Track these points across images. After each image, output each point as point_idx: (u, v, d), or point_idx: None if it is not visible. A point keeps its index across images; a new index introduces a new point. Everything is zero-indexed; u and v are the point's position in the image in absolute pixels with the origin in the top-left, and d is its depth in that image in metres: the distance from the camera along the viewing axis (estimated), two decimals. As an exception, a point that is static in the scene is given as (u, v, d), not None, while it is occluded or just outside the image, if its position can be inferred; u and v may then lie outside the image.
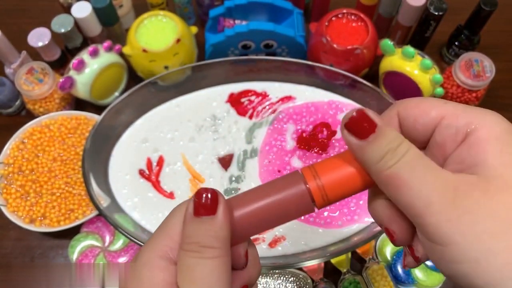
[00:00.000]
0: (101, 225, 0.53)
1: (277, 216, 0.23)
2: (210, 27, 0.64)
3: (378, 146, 0.20)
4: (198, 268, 0.20)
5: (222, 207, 0.21)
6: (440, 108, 0.21)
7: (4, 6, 0.75)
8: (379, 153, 0.20)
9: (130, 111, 0.55)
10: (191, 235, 0.21)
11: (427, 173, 0.19)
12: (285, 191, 0.22)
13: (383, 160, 0.20)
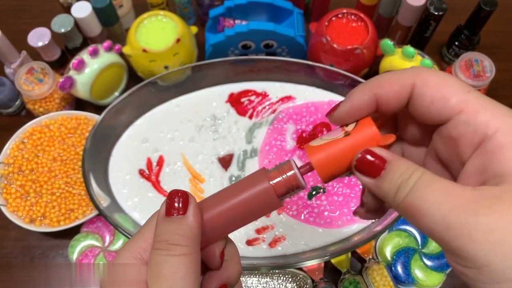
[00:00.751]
0: (101, 225, 0.53)
1: (246, 214, 0.23)
2: (210, 27, 0.64)
3: (391, 180, 0.20)
4: (166, 265, 0.21)
5: (192, 208, 0.22)
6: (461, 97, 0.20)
7: (4, 6, 0.75)
8: (394, 187, 0.20)
9: (130, 111, 0.55)
10: (161, 234, 0.22)
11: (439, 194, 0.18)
12: (251, 189, 0.23)
13: (398, 193, 0.20)
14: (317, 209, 0.50)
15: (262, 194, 0.23)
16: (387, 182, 0.20)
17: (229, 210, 0.23)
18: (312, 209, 0.50)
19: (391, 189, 0.20)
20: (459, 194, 0.18)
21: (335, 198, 0.51)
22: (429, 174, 0.19)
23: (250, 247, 0.49)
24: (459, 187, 0.19)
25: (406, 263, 0.51)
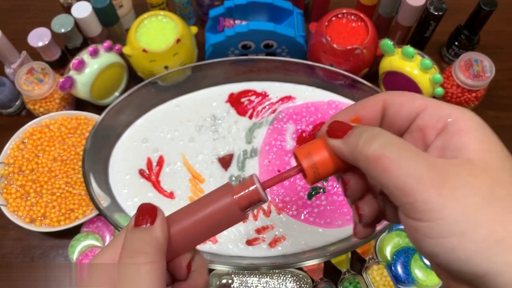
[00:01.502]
0: (101, 225, 0.53)
1: (212, 227, 0.25)
2: (210, 27, 0.64)
3: (357, 133, 0.23)
4: (131, 272, 0.22)
5: (159, 220, 0.24)
6: (424, 100, 0.24)
7: (4, 6, 0.75)
8: (358, 137, 0.22)
9: (130, 111, 0.55)
10: (128, 243, 0.23)
11: (413, 153, 0.21)
12: (215, 204, 0.25)
13: (363, 140, 0.22)
14: (317, 209, 0.50)
15: (226, 208, 0.25)
16: (353, 135, 0.23)
17: (195, 223, 0.25)
18: (312, 209, 0.50)
19: (354, 140, 0.22)
20: (429, 157, 0.21)
21: (335, 198, 0.51)
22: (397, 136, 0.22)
23: (250, 247, 0.49)
24: (427, 153, 0.22)
25: (406, 263, 0.51)
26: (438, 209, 0.20)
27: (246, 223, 0.50)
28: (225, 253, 0.49)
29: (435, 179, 0.20)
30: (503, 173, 0.21)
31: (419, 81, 0.56)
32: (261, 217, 0.50)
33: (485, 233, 0.19)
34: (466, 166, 0.21)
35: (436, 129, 0.23)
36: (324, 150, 0.24)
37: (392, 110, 0.25)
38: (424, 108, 0.24)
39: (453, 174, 0.20)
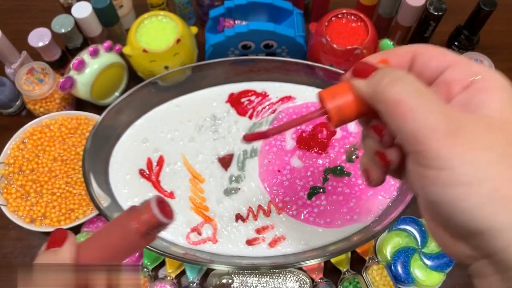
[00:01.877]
0: (101, 225, 0.53)
1: (117, 254, 0.27)
2: (210, 27, 0.64)
3: (382, 74, 0.22)
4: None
5: (68, 243, 0.26)
6: (455, 56, 0.24)
7: (5, 6, 0.75)
8: (381, 78, 0.22)
9: (131, 111, 0.55)
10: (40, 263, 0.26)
11: (433, 103, 0.21)
12: (117, 232, 0.27)
13: (385, 82, 0.22)
14: (317, 209, 0.50)
15: (127, 236, 0.26)
16: (377, 75, 0.23)
17: (102, 250, 0.26)
18: (312, 209, 0.50)
19: (378, 79, 0.22)
20: (448, 108, 0.21)
21: (335, 198, 0.51)
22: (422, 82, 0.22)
23: (250, 247, 0.49)
24: (448, 105, 0.22)
25: (405, 263, 0.51)
26: (449, 159, 0.20)
27: (246, 223, 0.50)
28: (225, 253, 0.49)
29: (451, 130, 0.20)
30: None
31: (419, 81, 0.56)
32: (261, 217, 0.51)
33: (491, 188, 0.19)
34: (484, 121, 0.21)
35: (462, 84, 0.23)
36: (350, 93, 0.24)
37: (421, 61, 0.25)
38: (453, 64, 0.24)
39: (470, 127, 0.20)
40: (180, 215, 0.51)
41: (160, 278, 0.51)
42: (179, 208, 0.51)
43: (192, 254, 0.48)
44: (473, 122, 0.21)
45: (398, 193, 0.51)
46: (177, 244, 0.49)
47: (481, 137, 0.20)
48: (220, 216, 0.51)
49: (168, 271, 0.51)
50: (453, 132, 0.20)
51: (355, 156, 0.53)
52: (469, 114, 0.21)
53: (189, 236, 0.50)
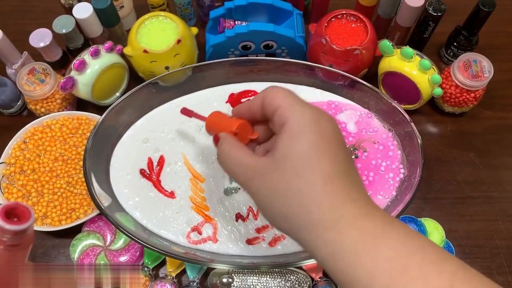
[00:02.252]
0: (102, 225, 0.53)
1: None
2: (210, 28, 0.64)
3: (220, 140, 0.36)
4: None
5: None
6: (280, 100, 0.32)
7: (6, 7, 0.76)
8: (219, 142, 0.36)
9: (131, 111, 0.56)
10: None
11: (237, 153, 0.33)
12: None
13: (218, 146, 0.36)
14: (316, 209, 0.50)
15: None
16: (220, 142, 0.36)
17: None
18: (311, 209, 0.50)
19: (218, 145, 0.36)
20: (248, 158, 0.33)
21: (334, 198, 0.51)
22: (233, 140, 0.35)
23: (250, 246, 0.49)
24: (247, 154, 0.33)
25: (405, 262, 0.52)
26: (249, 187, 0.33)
27: (246, 222, 0.51)
28: (225, 252, 0.49)
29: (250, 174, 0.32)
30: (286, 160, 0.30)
31: (418, 81, 0.56)
32: (261, 216, 0.51)
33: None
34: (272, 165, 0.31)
35: (279, 128, 0.32)
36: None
37: (265, 102, 0.33)
38: (277, 107, 0.32)
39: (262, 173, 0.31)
40: (180, 215, 0.51)
41: (160, 277, 0.51)
42: (179, 207, 0.51)
43: (193, 254, 0.48)
44: (265, 167, 0.31)
45: (397, 193, 0.51)
46: (177, 243, 0.49)
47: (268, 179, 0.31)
48: (220, 216, 0.51)
49: (168, 270, 0.51)
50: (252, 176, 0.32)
51: (355, 156, 0.54)
52: (264, 160, 0.31)
53: (189, 236, 0.50)
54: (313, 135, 0.30)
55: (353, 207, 0.29)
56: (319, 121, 0.31)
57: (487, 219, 0.56)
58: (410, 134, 0.52)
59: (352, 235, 0.28)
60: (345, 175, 0.30)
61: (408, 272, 0.26)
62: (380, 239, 0.27)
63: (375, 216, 0.29)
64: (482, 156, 0.60)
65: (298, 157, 0.30)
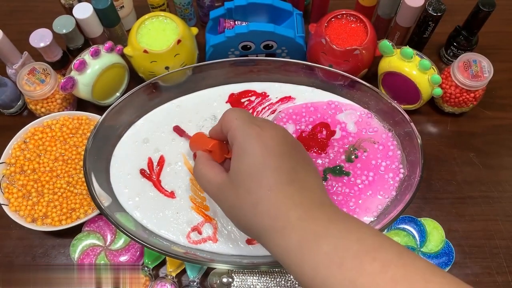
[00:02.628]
0: (102, 224, 0.53)
1: None
2: (210, 28, 0.64)
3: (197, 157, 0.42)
4: None
5: None
6: (231, 122, 0.37)
7: (6, 7, 0.76)
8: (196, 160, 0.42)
9: (131, 111, 0.56)
10: None
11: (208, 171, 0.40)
12: None
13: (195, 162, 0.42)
14: (316, 209, 0.50)
15: None
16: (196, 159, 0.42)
17: None
18: (311, 209, 0.51)
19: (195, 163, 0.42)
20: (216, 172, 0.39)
21: (334, 198, 0.51)
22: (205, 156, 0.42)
23: (250, 246, 0.49)
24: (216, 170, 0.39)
25: (405, 262, 0.52)
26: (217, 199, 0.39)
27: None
28: (225, 252, 0.49)
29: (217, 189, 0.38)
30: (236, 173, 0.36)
31: (418, 81, 0.56)
32: (261, 216, 0.51)
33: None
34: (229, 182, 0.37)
35: (231, 145, 0.37)
36: None
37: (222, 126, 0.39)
38: (229, 130, 0.37)
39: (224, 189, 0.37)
40: (180, 215, 0.51)
41: (160, 277, 0.51)
42: (179, 207, 0.51)
43: (193, 253, 0.48)
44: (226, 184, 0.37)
45: (397, 192, 0.51)
46: (177, 243, 0.49)
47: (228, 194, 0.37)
48: (220, 216, 0.51)
49: (168, 270, 0.51)
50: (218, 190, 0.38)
51: (355, 156, 0.54)
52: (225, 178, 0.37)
53: (189, 235, 0.50)
54: (256, 152, 0.34)
55: (296, 212, 0.32)
56: (261, 138, 0.35)
57: (487, 219, 0.56)
58: (410, 134, 0.52)
59: (297, 236, 0.31)
60: (290, 184, 0.34)
61: (344, 263, 0.29)
62: (321, 237, 0.31)
63: (319, 216, 0.32)
64: (482, 156, 0.60)
65: (245, 175, 0.34)
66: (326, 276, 0.29)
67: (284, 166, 0.34)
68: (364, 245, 0.30)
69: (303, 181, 0.35)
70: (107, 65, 0.58)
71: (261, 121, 0.37)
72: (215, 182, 0.38)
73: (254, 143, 0.35)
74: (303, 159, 0.37)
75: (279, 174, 0.34)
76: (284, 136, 0.37)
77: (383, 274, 0.28)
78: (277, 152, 0.35)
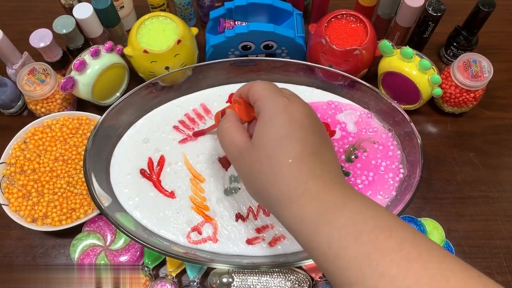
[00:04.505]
0: (102, 224, 0.53)
1: None
2: (210, 28, 0.64)
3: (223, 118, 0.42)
4: None
5: None
6: (259, 93, 0.38)
7: (6, 7, 0.76)
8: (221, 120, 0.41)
9: (131, 111, 0.56)
10: None
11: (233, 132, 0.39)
12: None
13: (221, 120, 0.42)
14: (316, 209, 0.51)
15: None
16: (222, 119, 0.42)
17: None
18: (311, 209, 0.51)
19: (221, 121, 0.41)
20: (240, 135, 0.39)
21: (334, 198, 0.51)
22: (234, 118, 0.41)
23: (250, 246, 0.49)
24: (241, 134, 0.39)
25: (405, 262, 0.52)
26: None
27: (246, 222, 0.51)
28: (225, 252, 0.49)
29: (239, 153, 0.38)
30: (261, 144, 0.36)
31: (417, 81, 0.56)
32: (261, 216, 0.51)
33: None
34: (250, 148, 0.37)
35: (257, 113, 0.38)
36: None
37: (249, 95, 0.39)
38: (256, 100, 0.38)
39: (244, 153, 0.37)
40: (180, 215, 0.51)
41: (160, 277, 0.51)
42: (179, 207, 0.51)
43: (193, 253, 0.48)
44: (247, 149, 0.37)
45: (396, 192, 0.51)
46: (177, 243, 0.49)
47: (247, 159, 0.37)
48: (220, 216, 0.51)
49: (168, 270, 0.51)
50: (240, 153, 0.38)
51: (354, 156, 0.54)
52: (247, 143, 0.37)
53: (189, 236, 0.50)
54: (281, 122, 0.35)
55: (316, 183, 0.33)
56: (288, 109, 0.36)
57: (487, 219, 0.56)
58: (410, 134, 0.52)
59: (314, 206, 0.32)
60: (311, 156, 0.34)
61: (360, 237, 0.29)
62: (338, 210, 0.31)
63: (337, 190, 0.33)
64: (481, 156, 0.60)
65: (269, 142, 0.35)
66: (341, 248, 0.29)
67: (308, 139, 0.35)
68: (381, 222, 0.30)
69: (324, 155, 0.35)
70: (107, 65, 0.58)
71: (289, 93, 0.38)
72: (239, 145, 0.38)
73: (282, 113, 0.35)
74: (324, 136, 0.37)
75: (303, 146, 0.34)
76: (310, 110, 0.37)
77: (398, 251, 0.28)
78: (302, 124, 0.35)
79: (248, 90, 0.39)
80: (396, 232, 0.29)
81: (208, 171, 0.54)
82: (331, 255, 0.30)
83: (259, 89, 0.38)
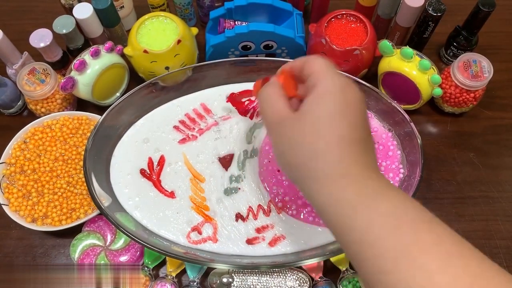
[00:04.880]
0: (102, 224, 0.53)
1: None
2: (210, 28, 0.64)
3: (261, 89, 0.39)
4: None
5: None
6: (317, 66, 0.36)
7: (6, 7, 0.76)
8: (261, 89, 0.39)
9: (131, 111, 0.56)
10: None
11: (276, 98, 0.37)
12: None
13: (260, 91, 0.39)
14: (316, 209, 0.51)
15: None
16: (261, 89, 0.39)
17: None
18: (311, 208, 0.51)
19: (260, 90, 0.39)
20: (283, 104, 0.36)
21: (334, 198, 0.51)
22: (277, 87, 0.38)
23: (250, 246, 0.49)
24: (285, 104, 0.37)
25: (405, 262, 0.52)
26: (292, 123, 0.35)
27: (246, 222, 0.51)
28: (225, 252, 0.49)
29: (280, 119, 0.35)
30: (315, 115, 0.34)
31: (417, 81, 0.56)
32: (261, 216, 0.51)
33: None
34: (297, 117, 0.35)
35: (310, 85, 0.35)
36: None
37: (305, 66, 0.37)
38: (313, 72, 0.36)
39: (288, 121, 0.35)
40: (180, 215, 0.51)
41: (160, 277, 0.51)
42: (179, 207, 0.51)
43: (193, 253, 0.48)
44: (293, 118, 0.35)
45: (397, 192, 0.51)
46: (177, 243, 0.49)
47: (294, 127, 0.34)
48: (220, 216, 0.51)
49: (168, 270, 0.51)
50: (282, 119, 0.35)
51: None
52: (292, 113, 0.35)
53: (189, 235, 0.50)
54: (337, 100, 0.33)
55: (358, 168, 0.32)
56: (345, 89, 0.34)
57: (487, 219, 0.56)
58: (410, 134, 0.52)
59: (354, 190, 0.31)
60: (358, 142, 0.33)
61: (400, 227, 0.29)
62: (378, 197, 0.31)
63: (378, 179, 0.32)
64: (481, 156, 0.60)
65: (320, 116, 0.33)
66: (379, 236, 0.29)
67: (358, 124, 0.34)
68: (421, 215, 0.30)
69: (368, 144, 0.35)
70: (107, 65, 0.58)
71: (345, 76, 0.37)
72: (281, 113, 0.36)
73: (339, 91, 0.34)
74: (369, 126, 0.37)
75: (353, 129, 0.33)
76: (363, 97, 0.36)
77: (438, 246, 0.28)
78: (356, 109, 0.34)
79: (305, 62, 0.37)
80: (435, 226, 0.29)
81: (208, 171, 0.54)
82: (367, 241, 0.29)
83: (320, 62, 0.36)
